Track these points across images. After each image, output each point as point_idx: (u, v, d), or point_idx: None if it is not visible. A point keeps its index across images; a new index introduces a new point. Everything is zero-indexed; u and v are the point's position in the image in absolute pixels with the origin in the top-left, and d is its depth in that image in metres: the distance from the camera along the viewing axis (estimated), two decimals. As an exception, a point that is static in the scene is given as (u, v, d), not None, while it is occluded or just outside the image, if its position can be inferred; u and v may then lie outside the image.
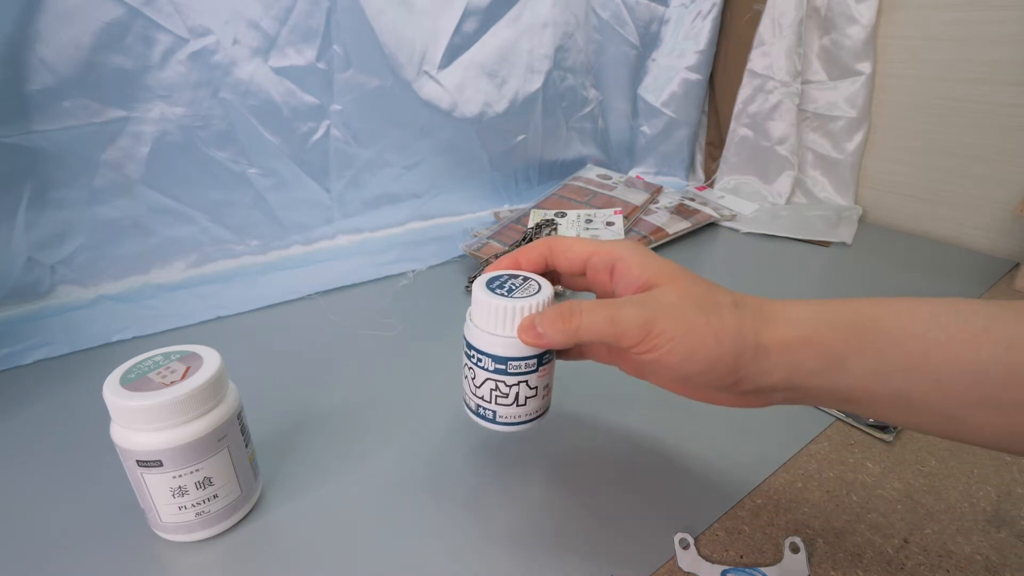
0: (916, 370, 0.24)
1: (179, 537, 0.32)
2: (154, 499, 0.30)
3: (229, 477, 0.32)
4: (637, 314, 0.27)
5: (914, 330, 0.24)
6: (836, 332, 0.25)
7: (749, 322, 0.26)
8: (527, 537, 0.35)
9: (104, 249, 0.59)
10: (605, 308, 0.28)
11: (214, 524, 0.32)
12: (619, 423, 0.45)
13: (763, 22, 0.90)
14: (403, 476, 0.39)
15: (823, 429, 0.44)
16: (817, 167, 0.93)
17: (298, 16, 0.63)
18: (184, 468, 0.30)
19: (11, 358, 0.51)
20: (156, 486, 0.30)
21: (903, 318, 0.25)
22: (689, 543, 0.34)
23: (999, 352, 0.22)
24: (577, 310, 0.28)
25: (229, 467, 0.32)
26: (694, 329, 0.26)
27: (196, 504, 0.31)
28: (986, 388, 0.23)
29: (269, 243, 0.69)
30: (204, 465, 0.30)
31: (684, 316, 0.26)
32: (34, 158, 0.53)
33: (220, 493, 0.31)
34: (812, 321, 0.26)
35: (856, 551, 0.34)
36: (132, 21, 0.54)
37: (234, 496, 0.32)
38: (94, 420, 0.44)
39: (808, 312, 0.26)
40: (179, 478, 0.30)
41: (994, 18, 0.73)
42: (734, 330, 0.26)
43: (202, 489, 0.30)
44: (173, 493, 0.30)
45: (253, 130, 0.64)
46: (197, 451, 0.30)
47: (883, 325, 0.25)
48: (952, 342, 0.23)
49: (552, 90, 0.86)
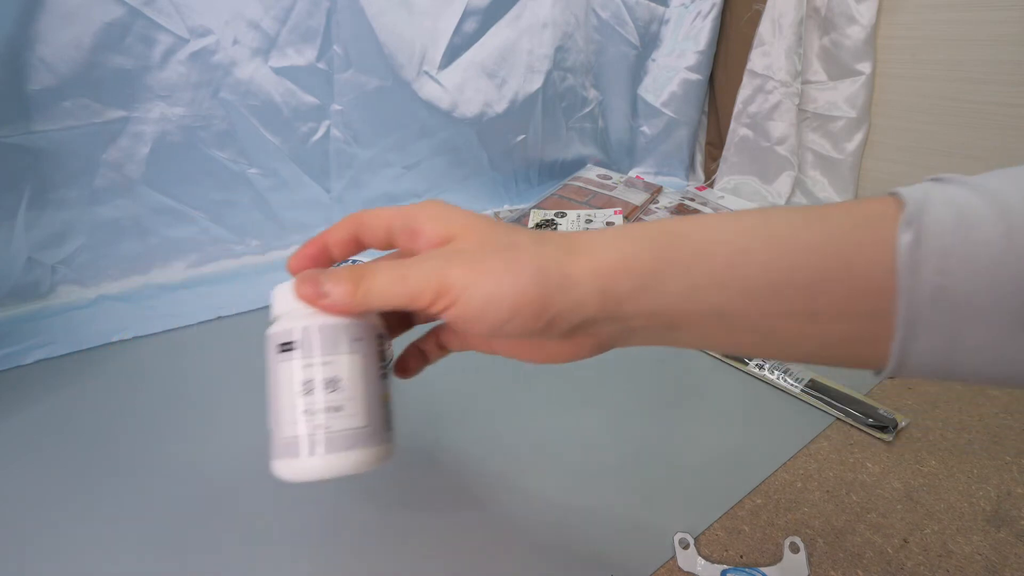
0: (726, 283, 0.23)
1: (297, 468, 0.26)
2: (282, 401, 0.26)
3: (357, 391, 0.27)
4: (427, 267, 0.25)
5: (720, 239, 0.23)
6: (644, 250, 0.24)
7: (552, 255, 0.25)
8: (528, 537, 0.35)
9: (104, 249, 0.59)
10: (396, 267, 0.25)
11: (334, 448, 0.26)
12: (619, 423, 0.45)
13: (763, 22, 0.90)
14: (399, 478, 0.39)
15: (823, 429, 0.44)
16: (817, 167, 0.93)
17: (298, 16, 0.63)
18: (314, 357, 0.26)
19: (12, 358, 0.51)
20: (287, 381, 0.26)
21: (709, 230, 0.24)
22: (689, 543, 0.34)
23: (803, 259, 0.22)
24: (370, 271, 0.26)
25: (359, 379, 0.27)
26: (488, 272, 0.24)
27: (319, 411, 0.26)
28: (793, 298, 0.22)
29: (269, 243, 0.69)
30: (335, 360, 0.26)
31: (477, 261, 0.24)
32: (34, 158, 0.53)
33: (346, 406, 0.26)
34: (619, 243, 0.25)
35: (856, 551, 0.34)
36: (132, 21, 0.54)
37: (359, 423, 0.27)
38: (94, 420, 0.44)
39: (614, 236, 0.25)
40: (309, 368, 0.26)
41: (994, 18, 0.73)
42: (533, 266, 0.24)
43: (330, 391, 0.26)
44: (301, 389, 0.26)
45: (253, 130, 0.64)
46: (335, 338, 0.26)
47: (690, 239, 0.24)
48: (757, 250, 0.23)
49: (552, 90, 0.86)
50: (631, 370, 0.52)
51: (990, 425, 0.45)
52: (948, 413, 0.46)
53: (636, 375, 0.51)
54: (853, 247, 0.22)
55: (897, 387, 0.50)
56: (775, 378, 0.49)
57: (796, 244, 0.22)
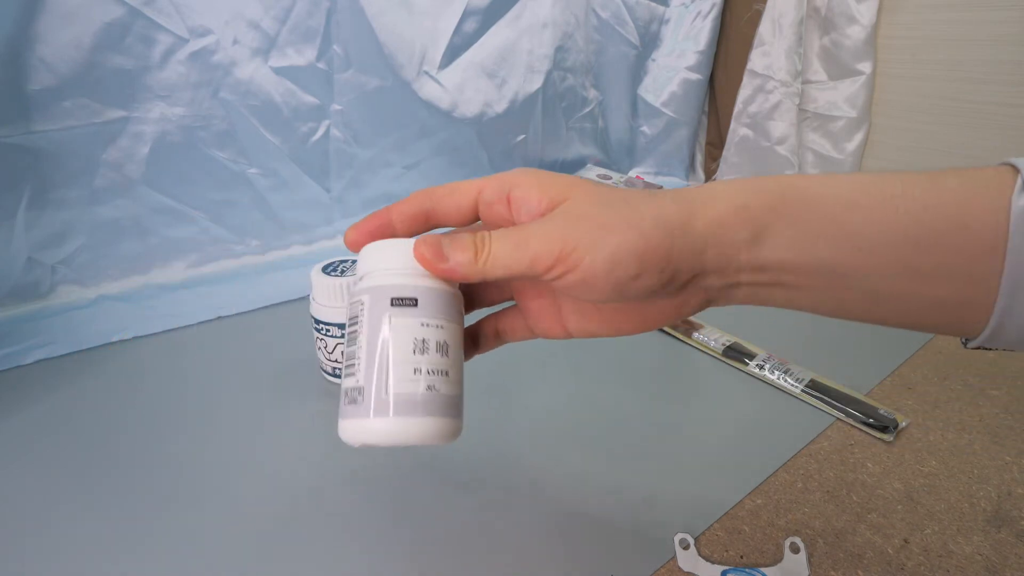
0: (837, 237, 0.23)
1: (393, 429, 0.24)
2: (391, 356, 0.25)
3: (459, 360, 0.26)
4: (547, 231, 0.24)
5: (833, 193, 0.23)
6: (758, 201, 0.24)
7: (669, 207, 0.24)
8: (528, 537, 0.35)
9: (104, 249, 0.59)
10: (512, 233, 0.25)
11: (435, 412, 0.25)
12: (619, 423, 0.45)
13: (763, 22, 0.90)
14: (394, 476, 0.39)
15: (823, 429, 0.44)
16: (817, 167, 0.93)
17: (298, 16, 0.63)
18: (434, 318, 0.25)
19: (11, 358, 0.51)
20: (401, 334, 0.25)
21: (822, 184, 0.24)
22: (689, 543, 0.34)
23: (916, 214, 0.22)
24: (486, 238, 0.25)
25: (459, 349, 0.27)
26: (611, 228, 0.23)
27: (431, 372, 0.25)
28: (906, 253, 0.22)
29: (269, 243, 0.69)
30: (448, 326, 0.26)
31: (597, 219, 0.24)
32: (34, 158, 0.53)
33: (451, 372, 0.25)
34: (732, 195, 0.24)
35: (856, 551, 0.34)
36: (132, 21, 0.54)
37: (456, 391, 0.26)
38: (94, 420, 0.44)
39: (728, 188, 0.25)
40: (426, 328, 0.25)
41: (994, 18, 0.73)
42: (654, 216, 0.24)
43: (441, 354, 0.25)
44: (415, 347, 0.25)
45: (253, 130, 0.64)
46: (447, 305, 0.26)
47: (803, 191, 0.24)
48: (872, 204, 0.23)
49: (552, 90, 0.86)
50: (631, 370, 0.52)
51: (990, 425, 0.45)
52: (948, 413, 0.46)
53: (636, 375, 0.51)
54: (967, 208, 0.22)
55: (897, 387, 0.50)
56: (775, 378, 0.49)
57: (910, 202, 0.22)
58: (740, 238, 0.24)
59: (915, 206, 0.22)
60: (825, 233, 0.23)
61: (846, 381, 0.48)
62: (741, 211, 0.24)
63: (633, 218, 0.24)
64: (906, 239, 0.22)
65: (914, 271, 0.22)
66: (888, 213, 0.22)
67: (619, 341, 0.56)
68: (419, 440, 0.25)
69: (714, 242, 0.24)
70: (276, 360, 0.52)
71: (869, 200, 0.23)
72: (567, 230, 0.24)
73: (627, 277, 0.24)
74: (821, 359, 0.51)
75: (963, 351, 0.54)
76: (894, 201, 0.22)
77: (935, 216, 0.22)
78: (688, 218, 0.24)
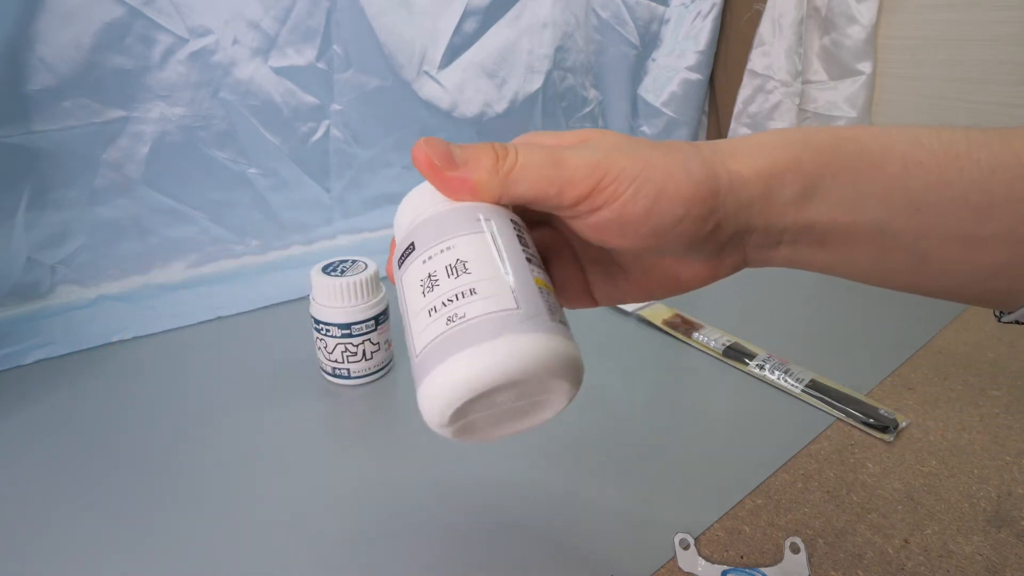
0: (893, 196, 0.21)
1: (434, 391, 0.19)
2: (409, 317, 0.21)
3: (493, 270, 0.20)
4: (584, 155, 0.21)
5: (894, 150, 0.21)
6: (811, 154, 0.22)
7: (715, 152, 0.22)
8: (527, 537, 0.35)
9: (104, 249, 0.59)
10: (544, 149, 0.21)
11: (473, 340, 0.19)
12: (618, 423, 0.45)
13: (763, 22, 0.90)
14: (399, 473, 0.39)
15: (823, 429, 0.44)
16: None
17: (298, 16, 0.63)
18: (432, 246, 0.21)
19: (11, 358, 0.51)
20: (410, 288, 0.21)
21: (882, 138, 0.22)
22: (689, 543, 0.34)
23: (982, 177, 0.20)
24: (509, 147, 0.21)
25: (492, 257, 0.21)
26: (656, 163, 0.21)
27: (449, 301, 0.20)
28: (963, 219, 0.21)
29: (269, 243, 0.69)
30: (458, 242, 0.21)
31: (640, 153, 0.21)
32: (34, 158, 0.53)
33: (479, 289, 0.20)
34: (787, 146, 0.22)
35: (856, 551, 0.34)
36: (132, 21, 0.54)
37: (504, 304, 0.19)
38: (94, 420, 0.44)
39: (780, 138, 0.22)
40: (428, 262, 0.21)
41: (994, 18, 0.73)
42: (700, 160, 0.21)
43: (454, 276, 0.20)
44: (423, 288, 0.20)
45: (253, 130, 0.64)
46: (450, 223, 0.21)
47: (860, 144, 0.22)
48: (934, 164, 0.21)
49: (552, 90, 0.86)
50: (631, 370, 0.52)
51: (991, 425, 0.45)
52: (949, 413, 0.46)
53: (636, 375, 0.51)
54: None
55: (897, 387, 0.50)
56: (775, 378, 0.49)
57: (974, 165, 0.21)
58: (789, 194, 0.22)
59: (980, 169, 0.20)
60: (881, 193, 0.21)
61: (846, 381, 0.48)
62: (792, 165, 0.22)
63: (679, 157, 0.21)
64: (966, 204, 0.21)
65: (968, 237, 0.21)
66: (951, 174, 0.21)
67: (618, 341, 0.56)
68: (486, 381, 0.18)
69: (762, 196, 0.22)
70: (276, 360, 0.52)
71: (932, 158, 0.21)
72: (609, 157, 0.21)
73: (669, 221, 0.21)
74: (821, 359, 0.51)
75: (964, 351, 0.54)
76: (958, 161, 0.21)
77: (1000, 182, 0.20)
78: (736, 167, 0.22)
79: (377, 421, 0.45)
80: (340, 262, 0.47)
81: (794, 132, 0.23)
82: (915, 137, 0.22)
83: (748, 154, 0.22)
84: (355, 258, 0.47)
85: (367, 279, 0.44)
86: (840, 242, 0.22)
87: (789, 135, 0.23)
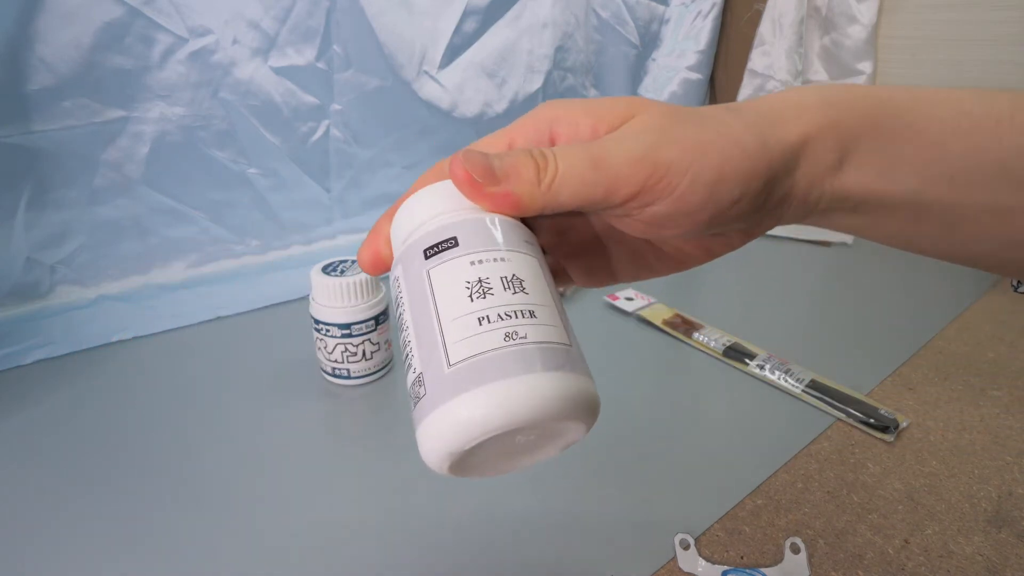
0: (931, 164, 0.20)
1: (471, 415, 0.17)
2: (442, 316, 0.18)
3: (546, 299, 0.19)
4: (629, 148, 0.19)
5: (934, 114, 0.20)
6: (853, 118, 0.20)
7: (757, 121, 0.20)
8: (528, 537, 0.35)
9: (104, 249, 0.59)
10: (583, 148, 0.20)
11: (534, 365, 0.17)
12: (618, 423, 0.45)
13: (763, 22, 0.90)
14: (399, 472, 0.39)
15: (823, 429, 0.44)
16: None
17: (298, 16, 0.63)
18: (487, 249, 0.19)
19: (11, 358, 0.51)
20: (447, 286, 0.18)
21: (922, 102, 0.21)
22: (689, 543, 0.34)
23: (1020, 144, 0.19)
24: (547, 154, 0.19)
25: (544, 286, 0.19)
26: (709, 144, 0.19)
27: (507, 316, 0.17)
28: (998, 189, 0.20)
29: (269, 243, 0.69)
30: (512, 256, 0.19)
31: (687, 137, 0.19)
32: (34, 158, 0.53)
33: (539, 314, 0.18)
34: (826, 107, 0.21)
35: (857, 552, 0.34)
36: (132, 21, 0.54)
37: (561, 339, 0.18)
38: (94, 420, 0.44)
39: (816, 97, 0.21)
40: (479, 265, 0.18)
41: (994, 18, 0.73)
42: (752, 131, 0.20)
43: (512, 291, 0.18)
44: (471, 292, 0.18)
45: (253, 130, 0.64)
46: (505, 231, 0.20)
47: (903, 111, 0.21)
48: (975, 130, 0.20)
49: (552, 90, 0.86)
50: (631, 370, 0.52)
51: (991, 425, 0.45)
52: (949, 413, 0.46)
53: (636, 375, 0.51)
54: None
55: (898, 387, 0.49)
56: (775, 378, 0.49)
57: (1015, 132, 0.20)
58: (828, 160, 0.21)
59: (1020, 137, 0.20)
60: (918, 160, 0.20)
61: (847, 381, 0.48)
62: (831, 129, 0.20)
63: (730, 131, 0.20)
64: (1003, 173, 0.20)
65: (1003, 208, 0.20)
66: (991, 142, 0.20)
67: (618, 341, 0.56)
68: (523, 418, 0.17)
69: (805, 160, 0.20)
70: (276, 360, 0.52)
71: (972, 124, 0.20)
72: (657, 147, 0.19)
73: (727, 203, 0.20)
74: (821, 359, 0.51)
75: (964, 351, 0.54)
76: (999, 128, 0.20)
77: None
78: (782, 133, 0.20)
79: (377, 421, 0.45)
80: (340, 262, 0.47)
81: (832, 91, 0.21)
82: (957, 101, 0.21)
83: (791, 118, 0.21)
84: (355, 258, 0.47)
85: (367, 279, 0.44)
86: (872, 209, 0.22)
87: (827, 94, 0.21)
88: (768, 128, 0.20)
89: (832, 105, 0.21)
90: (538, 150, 0.20)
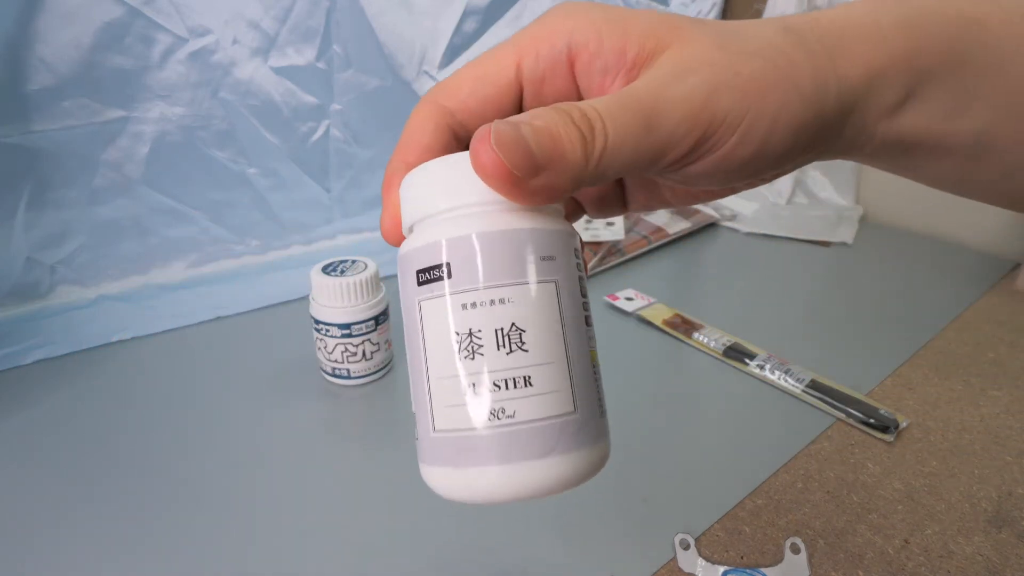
0: (1005, 97, 0.18)
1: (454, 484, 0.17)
2: (429, 369, 0.16)
3: (555, 350, 0.16)
4: (684, 99, 0.16)
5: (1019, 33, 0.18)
6: (936, 47, 0.17)
7: (818, 50, 0.17)
8: (528, 537, 0.35)
9: (104, 249, 0.59)
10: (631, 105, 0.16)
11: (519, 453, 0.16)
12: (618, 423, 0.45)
13: (763, 22, 0.90)
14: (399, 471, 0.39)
15: (823, 429, 0.44)
16: (818, 166, 0.93)
17: (298, 16, 0.63)
18: (478, 288, 0.16)
19: (11, 358, 0.51)
20: (434, 331, 0.16)
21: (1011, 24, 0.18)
22: (689, 543, 0.34)
23: None
24: (589, 116, 0.15)
25: (555, 325, 0.16)
26: (769, 90, 0.16)
27: (497, 386, 0.15)
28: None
29: (269, 243, 0.69)
30: (515, 294, 0.16)
31: (745, 75, 0.16)
32: (34, 158, 0.53)
33: (537, 379, 0.16)
34: (905, 32, 0.18)
35: (857, 552, 0.34)
36: (132, 21, 0.54)
37: (561, 409, 0.16)
38: (94, 420, 0.44)
39: (897, 15, 0.18)
40: (470, 312, 0.15)
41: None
42: (811, 66, 0.17)
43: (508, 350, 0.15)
44: (460, 346, 0.16)
45: (253, 130, 0.64)
46: (505, 258, 0.16)
47: (990, 32, 0.18)
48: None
49: (552, 90, 0.86)
50: (631, 370, 0.52)
51: (991, 425, 0.45)
52: (949, 413, 0.46)
53: (635, 375, 0.51)
54: None
55: (898, 387, 0.49)
56: (775, 378, 0.49)
57: None
58: (889, 100, 0.18)
59: None
60: (991, 93, 0.18)
61: (847, 381, 0.48)
62: (905, 62, 0.17)
63: (790, 67, 0.17)
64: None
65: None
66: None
67: (618, 341, 0.56)
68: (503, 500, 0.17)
69: (864, 103, 0.18)
70: (276, 360, 0.52)
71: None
72: (715, 96, 0.16)
73: (772, 158, 0.17)
74: (821, 359, 0.51)
75: (964, 351, 0.54)
76: None
77: None
78: (845, 68, 0.17)
79: (377, 421, 0.45)
80: (340, 262, 0.47)
81: (915, 7, 0.18)
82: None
83: (858, 44, 0.18)
84: (355, 258, 0.47)
85: (367, 279, 0.44)
86: (925, 152, 0.19)
87: (909, 13, 0.18)
88: (828, 62, 0.17)
89: (913, 27, 0.18)
90: (578, 110, 0.15)
